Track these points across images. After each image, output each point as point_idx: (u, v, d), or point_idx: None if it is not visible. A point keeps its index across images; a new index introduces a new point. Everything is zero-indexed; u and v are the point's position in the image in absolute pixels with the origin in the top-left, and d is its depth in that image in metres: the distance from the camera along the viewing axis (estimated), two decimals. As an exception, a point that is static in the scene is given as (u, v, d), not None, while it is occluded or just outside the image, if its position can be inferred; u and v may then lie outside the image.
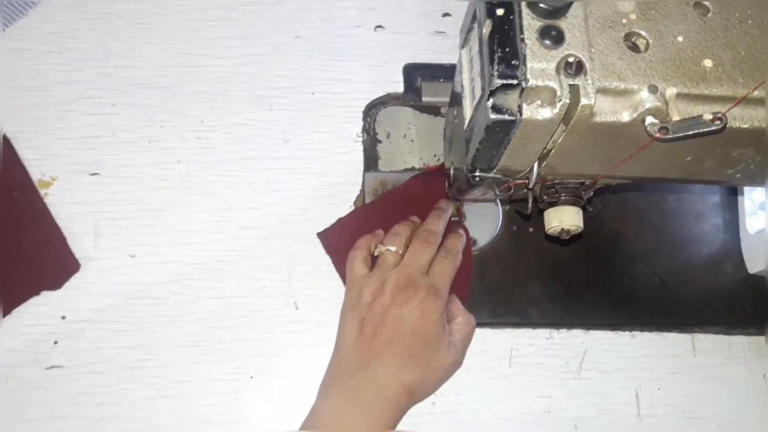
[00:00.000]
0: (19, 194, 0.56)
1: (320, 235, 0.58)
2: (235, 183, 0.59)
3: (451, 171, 0.49)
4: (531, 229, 0.59)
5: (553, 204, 0.44)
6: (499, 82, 0.33)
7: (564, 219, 0.43)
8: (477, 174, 0.40)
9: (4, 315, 0.54)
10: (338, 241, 0.57)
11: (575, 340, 0.57)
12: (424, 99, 0.62)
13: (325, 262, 0.57)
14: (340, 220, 0.58)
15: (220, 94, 0.61)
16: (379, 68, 0.62)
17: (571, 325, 0.57)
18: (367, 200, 0.59)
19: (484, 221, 0.59)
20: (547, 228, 0.44)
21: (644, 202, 0.58)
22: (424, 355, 0.48)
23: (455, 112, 0.46)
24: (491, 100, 0.33)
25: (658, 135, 0.33)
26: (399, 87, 0.62)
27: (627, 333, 0.58)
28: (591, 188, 0.42)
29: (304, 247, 0.57)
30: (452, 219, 0.57)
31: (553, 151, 0.37)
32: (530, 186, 0.40)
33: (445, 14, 0.65)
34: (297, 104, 0.61)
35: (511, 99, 0.33)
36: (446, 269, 0.52)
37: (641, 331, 0.57)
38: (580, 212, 0.43)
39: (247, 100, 0.61)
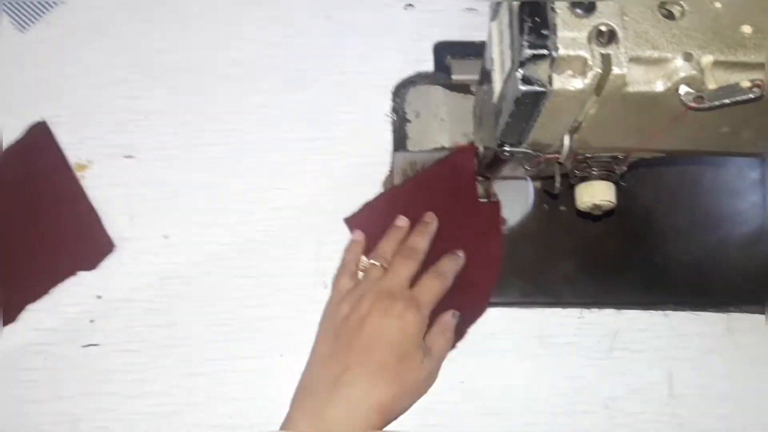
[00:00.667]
0: (56, 177, 0.58)
1: (347, 220, 0.58)
2: (264, 164, 0.59)
3: (481, 148, 0.48)
4: (563, 208, 0.58)
5: (584, 179, 0.43)
6: (529, 52, 0.32)
7: (596, 194, 0.42)
8: (506, 149, 0.40)
9: (42, 295, 0.56)
10: (365, 226, 0.57)
11: (607, 320, 0.56)
12: (454, 77, 0.62)
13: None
14: (367, 204, 0.58)
15: (250, 76, 0.61)
16: (409, 47, 0.62)
17: (602, 304, 0.57)
18: (396, 181, 0.59)
19: (515, 200, 0.58)
20: (578, 203, 0.43)
21: (678, 179, 0.57)
22: (398, 369, 0.47)
23: (485, 89, 0.45)
24: (521, 71, 0.33)
25: (693, 104, 0.32)
26: (429, 66, 0.62)
27: (660, 312, 0.57)
28: (624, 162, 0.42)
29: (332, 227, 0.58)
30: (483, 200, 0.57)
31: (584, 123, 0.36)
32: (561, 160, 0.39)
33: (476, -8, 0.64)
34: (326, 85, 0.61)
35: (541, 70, 0.33)
36: (432, 286, 0.51)
37: (674, 310, 0.56)
38: (613, 187, 0.43)
39: (277, 82, 0.61)
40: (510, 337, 0.56)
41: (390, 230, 0.55)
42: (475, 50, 0.62)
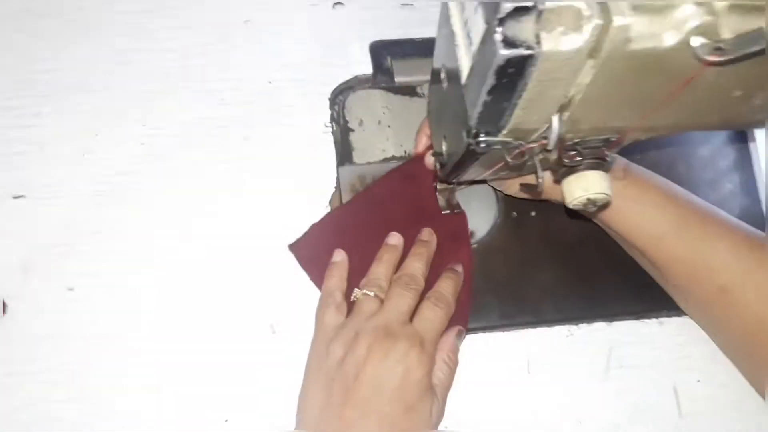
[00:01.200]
0: None
1: (292, 247, 0.49)
2: (187, 192, 0.50)
3: (443, 149, 0.41)
4: (533, 213, 0.52)
5: (571, 171, 0.36)
6: (509, 5, 0.25)
7: (589, 187, 0.35)
8: (483, 139, 0.33)
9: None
10: (313, 251, 0.49)
11: (598, 335, 0.50)
12: (397, 79, 0.55)
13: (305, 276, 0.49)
14: (313, 226, 0.50)
15: (163, 91, 0.52)
16: (343, 49, 0.55)
17: (591, 318, 0.50)
18: (345, 198, 0.51)
19: (479, 209, 0.52)
20: (568, 200, 0.36)
21: (666, 166, 0.51)
22: (408, 425, 0.39)
23: (443, 86, 0.39)
24: (501, 30, 0.26)
25: (710, 57, 0.26)
26: (367, 68, 0.55)
27: (654, 320, 0.51)
28: (616, 146, 0.35)
29: (273, 258, 0.49)
30: (445, 212, 0.50)
31: (576, 97, 0.30)
32: (550, 147, 0.32)
33: (411, -14, 0.58)
34: (253, 96, 0.53)
35: (525, 28, 0.26)
36: (435, 318, 0.44)
37: (669, 316, 0.51)
38: (607, 177, 0.36)
39: (196, 96, 0.53)
40: (493, 366, 0.48)
41: (382, 251, 0.47)
42: (416, 48, 0.56)
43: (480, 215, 0.52)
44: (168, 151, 0.51)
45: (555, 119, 0.31)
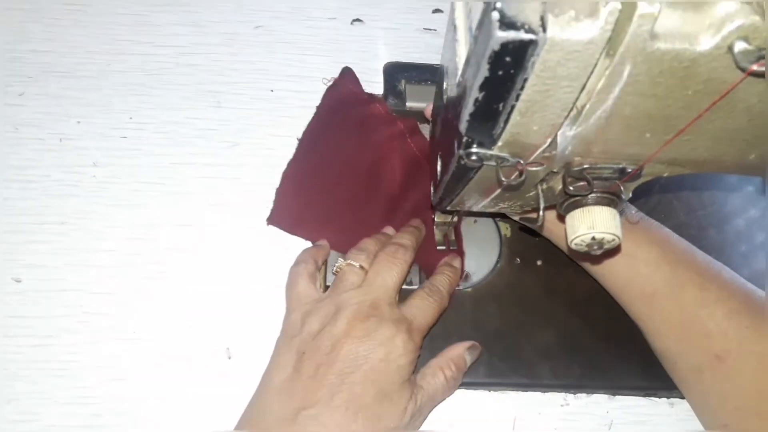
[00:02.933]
0: None
1: (270, 220, 0.46)
2: (164, 193, 0.46)
3: (438, 169, 0.37)
4: (539, 262, 0.47)
5: (576, 205, 0.31)
6: (512, -22, 0.21)
7: (596, 224, 0.30)
8: (474, 150, 0.28)
9: None
10: (291, 212, 0.46)
11: (598, 409, 0.43)
12: (408, 104, 0.51)
13: (273, 300, 0.44)
14: (278, 191, 0.47)
15: (157, 86, 0.49)
16: (355, 66, 0.52)
17: (591, 388, 0.44)
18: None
19: (479, 250, 0.47)
20: (570, 237, 0.31)
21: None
22: (376, 411, 0.35)
23: (444, 93, 0.34)
24: (499, 7, 0.21)
25: (755, 67, 0.21)
26: (378, 89, 0.51)
27: (664, 400, 0.44)
28: (633, 179, 0.30)
29: (245, 278, 0.44)
30: (442, 248, 0.45)
31: (587, 107, 0.25)
32: (554, 167, 0.27)
33: (436, 10, 0.55)
34: (251, 102, 0.50)
35: (529, 8, 0.22)
36: (426, 308, 0.40)
37: (683, 398, 0.44)
38: (618, 216, 0.31)
39: (190, 95, 0.49)
40: (473, 429, 0.42)
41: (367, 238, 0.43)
42: (432, 75, 0.52)
43: (480, 257, 0.46)
44: (150, 148, 0.47)
45: (560, 133, 0.26)
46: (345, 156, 0.47)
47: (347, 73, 0.51)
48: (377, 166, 0.47)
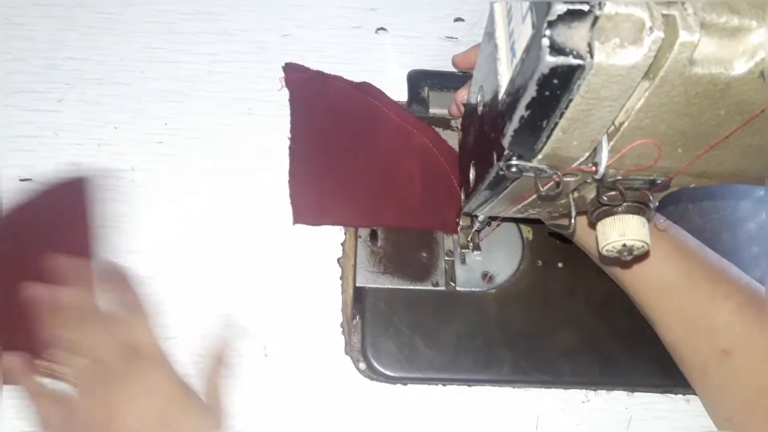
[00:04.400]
0: None
1: (295, 220, 0.48)
2: (200, 196, 0.48)
3: (471, 176, 0.38)
4: (560, 264, 0.49)
5: (607, 214, 0.33)
6: (562, 8, 0.23)
7: (627, 231, 0.32)
8: (515, 162, 0.30)
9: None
10: (313, 205, 0.48)
11: (617, 405, 0.45)
12: (431, 111, 0.53)
13: (307, 298, 0.46)
14: (291, 191, 0.48)
15: (190, 94, 0.51)
16: (379, 74, 0.53)
17: (611, 385, 0.46)
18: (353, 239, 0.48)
19: (502, 252, 0.48)
20: (602, 244, 0.33)
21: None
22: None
23: (478, 106, 0.36)
24: (549, 34, 0.23)
25: (784, 92, 0.23)
26: (402, 96, 0.53)
27: (681, 397, 0.46)
28: (661, 190, 0.32)
29: (280, 278, 0.46)
30: (466, 250, 0.47)
31: (625, 124, 0.27)
32: (598, 176, 0.29)
33: (458, 19, 0.57)
34: (281, 109, 0.51)
35: (577, 35, 0.24)
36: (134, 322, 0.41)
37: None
38: (647, 224, 0.33)
39: (223, 102, 0.51)
40: (498, 424, 0.44)
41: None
42: (455, 82, 0.54)
43: (503, 259, 0.48)
44: (185, 153, 0.49)
45: (605, 146, 0.28)
46: (334, 138, 0.49)
47: (290, 67, 0.52)
48: (369, 134, 0.50)
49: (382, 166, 0.49)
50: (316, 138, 0.49)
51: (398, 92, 0.53)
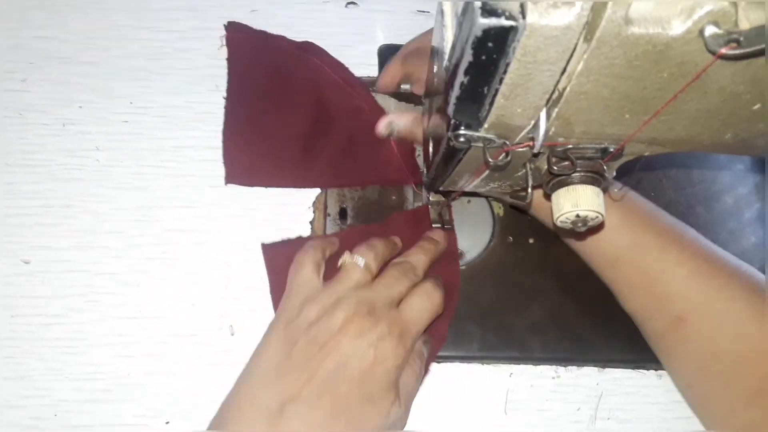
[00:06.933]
0: None
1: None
2: (165, 176, 0.48)
3: (430, 146, 0.38)
4: (531, 240, 0.48)
5: (562, 184, 0.32)
6: (493, -33, 0.22)
7: (580, 202, 0.31)
8: (462, 132, 0.29)
9: None
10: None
11: (588, 380, 0.45)
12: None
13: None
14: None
15: (157, 71, 0.50)
16: (350, 48, 0.52)
17: (582, 361, 0.45)
18: (332, 201, 0.48)
19: (473, 229, 0.48)
20: (556, 215, 0.32)
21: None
22: (361, 413, 0.35)
23: (435, 69, 0.36)
24: (481, -5, 0.22)
25: (724, 50, 0.22)
26: (373, 71, 0.52)
27: (652, 372, 0.46)
28: (615, 160, 0.31)
29: (246, 258, 0.46)
30: (435, 226, 0.46)
31: (568, 88, 0.26)
32: (536, 149, 0.28)
33: (430, -8, 0.56)
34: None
35: (510, -4, 0.23)
36: (424, 309, 0.39)
37: (670, 370, 0.45)
38: (601, 194, 0.32)
39: (190, 80, 0.50)
40: (467, 401, 0.44)
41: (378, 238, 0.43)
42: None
43: (473, 236, 0.48)
44: (152, 132, 0.49)
45: (542, 114, 0.27)
46: (272, 97, 0.49)
47: (232, 26, 0.51)
48: (307, 94, 0.49)
49: (319, 127, 0.48)
50: (252, 98, 0.49)
51: (369, 67, 0.52)
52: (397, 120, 0.46)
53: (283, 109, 0.48)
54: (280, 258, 0.45)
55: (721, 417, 0.39)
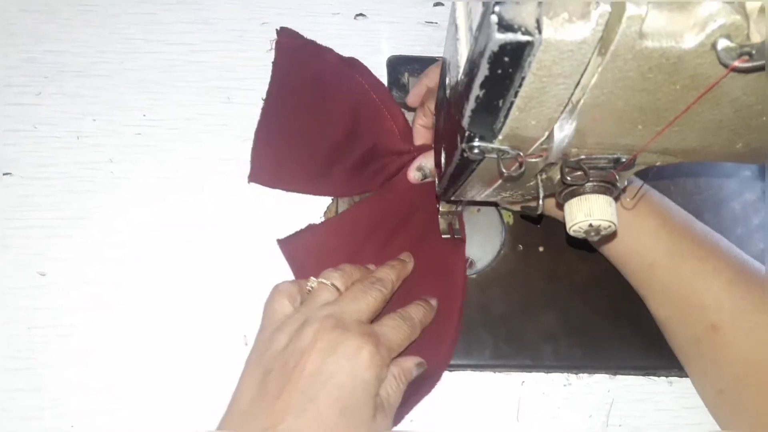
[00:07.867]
0: None
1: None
2: (178, 188, 0.48)
3: (442, 161, 0.38)
4: (541, 249, 0.48)
5: (574, 194, 0.33)
6: (509, -17, 0.23)
7: (593, 212, 0.32)
8: (476, 144, 0.30)
9: None
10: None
11: (599, 388, 0.45)
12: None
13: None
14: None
15: (169, 84, 0.51)
16: (359, 60, 0.53)
17: (593, 368, 0.46)
18: (343, 209, 0.48)
19: (483, 238, 0.48)
20: (569, 225, 0.33)
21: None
22: (343, 428, 0.34)
23: (446, 88, 0.36)
24: (498, 10, 0.23)
25: (736, 63, 0.23)
26: (382, 81, 0.53)
27: (663, 379, 0.46)
28: (627, 169, 0.32)
29: (260, 268, 0.46)
30: (445, 236, 0.47)
31: (582, 101, 0.27)
32: (552, 159, 0.29)
33: (437, 3, 0.56)
34: (260, 98, 0.51)
35: (525, 11, 0.23)
36: (397, 329, 0.39)
37: (681, 377, 0.46)
38: (614, 204, 0.33)
39: (201, 92, 0.51)
40: (479, 408, 0.44)
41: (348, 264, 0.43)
42: (436, 67, 0.53)
43: (483, 245, 0.48)
44: (164, 144, 0.49)
45: (557, 126, 0.28)
46: (309, 106, 0.50)
47: (284, 32, 0.52)
48: (343, 109, 0.50)
49: (347, 141, 0.49)
50: (290, 104, 0.50)
51: (378, 78, 0.53)
52: (426, 162, 0.46)
53: (319, 120, 0.49)
54: (296, 248, 0.46)
55: (755, 426, 0.40)
